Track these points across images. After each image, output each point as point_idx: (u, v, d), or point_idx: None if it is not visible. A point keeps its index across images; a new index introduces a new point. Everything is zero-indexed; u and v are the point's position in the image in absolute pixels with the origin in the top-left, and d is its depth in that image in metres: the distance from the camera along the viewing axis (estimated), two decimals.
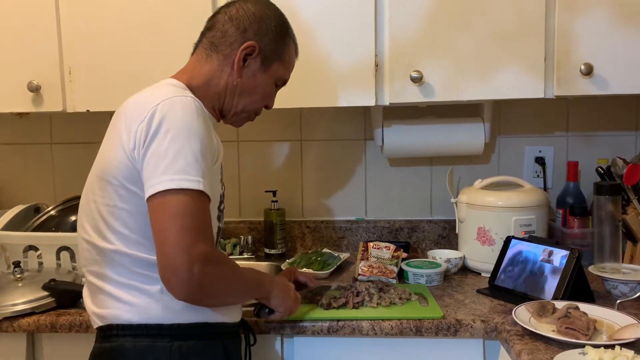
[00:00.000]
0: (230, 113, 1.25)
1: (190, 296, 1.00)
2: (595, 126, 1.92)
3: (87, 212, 1.14)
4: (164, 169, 1.00)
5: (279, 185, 1.98)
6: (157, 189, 0.99)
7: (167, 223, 0.98)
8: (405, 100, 1.59)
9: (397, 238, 1.96)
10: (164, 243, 0.99)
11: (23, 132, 2.07)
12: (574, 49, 1.53)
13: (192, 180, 1.00)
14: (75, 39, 1.65)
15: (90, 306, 1.15)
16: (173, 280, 0.98)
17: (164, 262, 0.99)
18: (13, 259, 1.55)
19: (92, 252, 1.12)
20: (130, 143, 1.05)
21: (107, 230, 1.09)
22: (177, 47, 1.57)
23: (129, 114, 1.08)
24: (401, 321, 1.32)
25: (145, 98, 1.09)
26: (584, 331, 1.16)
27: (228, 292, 1.10)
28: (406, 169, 1.98)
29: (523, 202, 1.64)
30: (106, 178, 1.09)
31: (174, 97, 1.06)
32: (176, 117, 1.03)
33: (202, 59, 1.21)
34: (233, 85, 1.21)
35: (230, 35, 1.20)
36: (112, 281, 1.10)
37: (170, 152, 1.00)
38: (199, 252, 0.98)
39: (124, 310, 1.08)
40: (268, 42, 1.22)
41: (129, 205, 1.07)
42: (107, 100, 1.64)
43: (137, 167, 1.05)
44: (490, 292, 1.51)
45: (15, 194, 2.06)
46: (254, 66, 1.21)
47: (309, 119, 1.99)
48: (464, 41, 1.56)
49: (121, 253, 1.08)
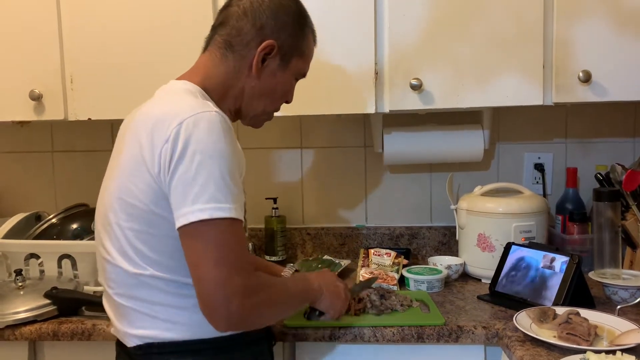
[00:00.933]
0: (249, 115, 1.20)
1: (232, 329, 1.00)
2: (594, 133, 1.94)
3: (110, 234, 1.08)
4: (194, 198, 0.95)
5: (279, 193, 1.99)
6: (189, 220, 0.95)
7: (202, 258, 0.95)
8: (405, 108, 1.60)
9: (397, 245, 1.97)
10: (200, 280, 0.96)
11: (24, 140, 2.08)
12: (572, 56, 1.54)
13: (223, 209, 0.96)
14: (77, 47, 1.66)
15: (122, 326, 1.10)
16: (213, 315, 0.96)
17: (202, 298, 0.96)
18: (14, 267, 1.55)
19: (120, 275, 1.07)
20: (155, 166, 1.00)
21: (137, 255, 1.04)
22: (179, 55, 1.58)
23: (150, 131, 1.01)
24: (403, 328, 1.32)
25: (166, 112, 1.02)
26: (585, 337, 1.16)
27: (273, 314, 1.09)
28: (406, 175, 1.99)
29: (523, 209, 1.64)
30: (130, 201, 1.04)
31: (198, 114, 0.99)
32: (202, 138, 0.97)
33: (217, 58, 1.15)
34: (251, 87, 1.15)
35: (246, 34, 1.13)
36: (147, 302, 1.06)
37: (199, 179, 0.95)
38: (234, 287, 0.95)
39: (164, 328, 1.06)
40: (286, 37, 1.15)
41: (158, 230, 1.03)
42: (109, 108, 1.66)
43: (164, 190, 1.00)
44: (491, 298, 1.52)
45: (17, 202, 2.07)
46: (273, 65, 1.16)
47: (310, 126, 2.00)
48: (463, 49, 1.57)
49: (154, 277, 1.04)
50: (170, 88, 1.14)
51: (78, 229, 1.71)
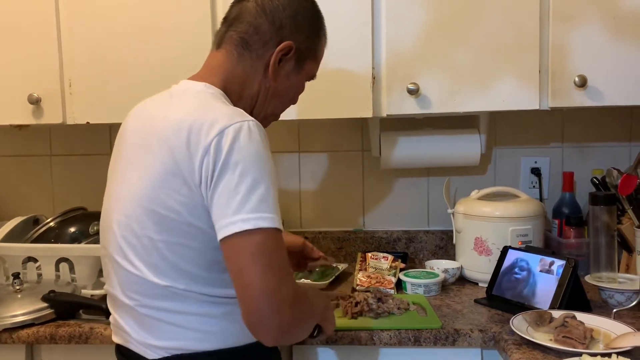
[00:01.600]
0: (259, 117, 1.15)
1: (280, 340, 0.97)
2: (590, 137, 1.95)
3: (136, 246, 1.03)
4: (237, 208, 0.93)
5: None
6: (232, 231, 0.92)
7: (248, 267, 0.92)
8: (403, 112, 1.61)
9: (394, 248, 1.97)
10: (248, 288, 0.92)
11: (22, 144, 2.08)
12: (568, 61, 1.55)
13: (266, 219, 0.93)
14: (75, 51, 1.67)
15: (143, 338, 1.05)
16: (262, 326, 0.93)
17: (248, 309, 0.93)
18: (12, 271, 1.55)
19: (149, 287, 1.03)
20: (196, 177, 0.96)
21: (170, 270, 1.01)
22: (178, 59, 1.60)
23: (184, 141, 0.98)
24: (400, 331, 1.33)
25: (200, 120, 0.98)
26: (581, 340, 1.17)
27: (308, 328, 1.08)
28: (403, 179, 2.00)
29: (520, 213, 1.65)
30: (163, 213, 0.99)
31: (237, 123, 0.97)
32: (244, 148, 0.95)
33: (234, 57, 1.11)
34: (266, 88, 1.13)
35: (264, 33, 1.10)
36: (177, 313, 1.02)
37: (242, 188, 0.93)
38: (283, 295, 0.92)
39: (194, 339, 1.03)
40: (303, 39, 1.13)
41: (194, 242, 1.00)
42: (108, 112, 1.66)
43: (205, 203, 0.97)
44: (488, 301, 1.52)
45: (15, 206, 2.07)
46: (288, 67, 1.14)
47: (307, 130, 2.01)
48: (460, 54, 1.58)
49: (188, 290, 1.01)
50: (190, 90, 1.09)
51: (76, 233, 1.71)
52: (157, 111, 1.08)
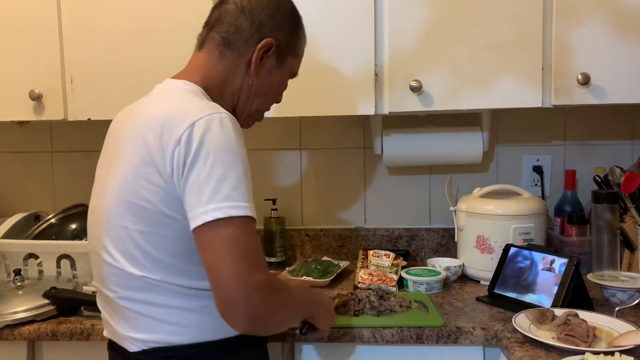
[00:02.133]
0: (243, 114, 1.19)
1: (251, 328, 0.96)
2: (593, 135, 1.94)
3: (115, 237, 1.06)
4: (209, 197, 0.94)
5: (278, 194, 1.99)
6: (204, 220, 0.94)
7: (220, 255, 0.93)
8: (405, 110, 1.60)
9: (396, 246, 1.97)
10: (219, 276, 0.93)
11: (23, 140, 2.08)
12: (571, 58, 1.55)
13: (239, 207, 0.95)
14: (77, 47, 1.66)
15: (124, 331, 1.08)
16: (233, 314, 0.93)
17: (221, 296, 0.93)
18: (13, 267, 1.56)
19: (126, 279, 1.05)
20: (167, 167, 0.98)
21: (146, 259, 1.02)
22: (180, 55, 1.58)
23: (157, 133, 1.00)
24: (402, 329, 1.33)
25: (173, 113, 1.01)
26: (584, 338, 1.16)
27: (287, 318, 1.08)
28: (405, 177, 1.99)
29: (522, 211, 1.65)
30: (138, 203, 1.01)
31: (210, 115, 0.99)
32: (215, 139, 0.97)
33: (215, 56, 1.14)
34: (248, 85, 1.16)
35: (244, 31, 1.13)
36: (154, 305, 1.04)
37: (213, 178, 0.95)
38: (256, 281, 0.93)
39: (171, 332, 1.04)
40: (283, 36, 1.17)
41: (168, 232, 1.01)
42: (109, 108, 1.63)
43: (177, 193, 0.98)
44: (490, 299, 1.52)
45: (16, 202, 2.07)
46: (270, 63, 1.17)
47: (309, 127, 2.00)
48: (462, 51, 1.58)
49: (163, 280, 1.03)
50: (170, 87, 1.13)
51: (77, 229, 1.72)
52: (138, 109, 1.12)
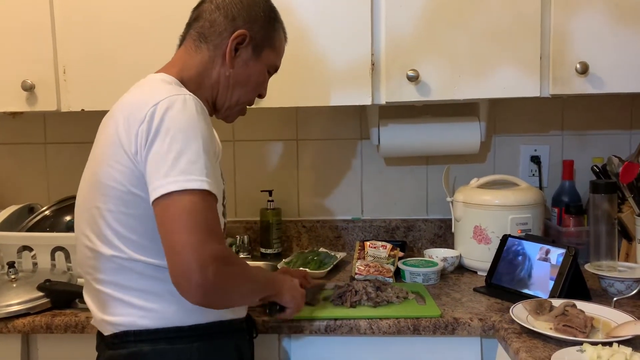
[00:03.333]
0: (224, 106, 1.22)
1: (205, 299, 0.97)
2: (591, 125, 1.93)
3: (88, 218, 1.10)
4: (167, 171, 0.97)
5: (274, 185, 1.97)
6: (160, 192, 0.96)
7: (174, 225, 0.95)
8: (402, 99, 1.59)
9: (393, 237, 1.96)
10: (173, 246, 0.95)
11: (17, 131, 2.06)
12: (570, 48, 1.53)
13: (195, 180, 0.97)
14: (69, 37, 1.64)
15: (99, 314, 1.11)
16: (186, 284, 0.94)
17: (175, 265, 0.95)
18: (7, 260, 1.54)
19: (99, 260, 1.08)
20: (132, 147, 1.02)
21: (115, 238, 1.05)
22: (173, 45, 1.57)
23: (126, 116, 1.04)
24: (399, 320, 1.32)
25: (141, 98, 1.05)
26: (582, 329, 1.16)
27: (242, 293, 1.08)
28: (402, 168, 1.98)
29: (519, 201, 1.64)
30: (108, 183, 1.05)
31: (173, 96, 1.03)
32: (176, 117, 1.00)
33: (192, 50, 1.18)
34: (226, 77, 1.18)
35: (219, 25, 1.17)
36: (123, 288, 1.07)
37: (172, 153, 0.97)
38: (210, 252, 0.94)
39: (139, 316, 1.06)
40: (258, 29, 1.19)
41: (135, 210, 1.04)
42: (102, 99, 1.62)
43: (141, 170, 1.02)
44: (487, 290, 1.51)
45: (9, 194, 2.05)
46: (246, 55, 1.19)
47: (305, 118, 1.99)
48: (460, 40, 1.56)
49: (132, 260, 1.05)
50: (148, 79, 1.16)
51: (71, 221, 1.70)
52: (119, 102, 1.15)
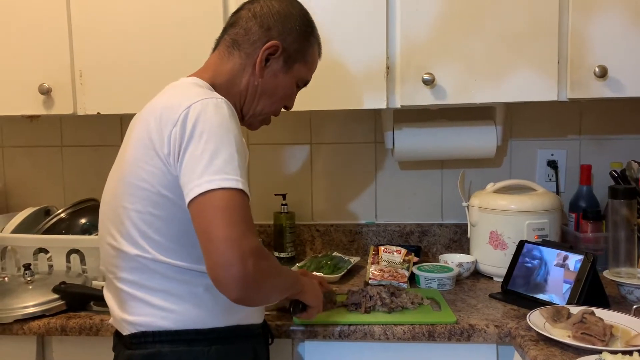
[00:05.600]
0: (248, 114, 1.22)
1: (244, 292, 0.95)
2: (609, 129, 1.90)
3: (114, 218, 1.10)
4: (202, 171, 0.97)
5: (288, 189, 1.97)
6: (197, 192, 0.96)
7: (213, 220, 0.94)
8: (417, 103, 1.58)
9: (407, 242, 1.95)
10: (212, 240, 0.93)
11: (33, 135, 2.08)
12: (588, 51, 1.51)
13: (231, 180, 0.97)
14: (86, 41, 1.66)
15: (119, 313, 1.11)
16: (226, 276, 0.93)
17: (214, 259, 0.93)
18: (23, 262, 1.55)
19: (122, 259, 1.08)
20: (165, 148, 1.02)
21: (140, 237, 1.06)
22: (189, 49, 1.58)
23: (158, 117, 1.04)
24: (413, 326, 1.31)
25: (174, 100, 1.06)
26: (601, 337, 1.14)
27: (275, 288, 1.07)
28: (417, 172, 1.97)
29: (536, 206, 1.62)
30: (137, 183, 1.05)
31: (205, 99, 1.03)
32: (209, 119, 1.00)
33: (225, 56, 1.19)
34: (254, 86, 1.19)
35: (253, 33, 1.17)
36: (146, 288, 1.07)
37: (207, 154, 0.98)
38: (249, 245, 0.94)
39: (159, 317, 1.06)
40: (291, 41, 1.19)
41: (163, 212, 1.04)
42: (118, 102, 1.65)
43: (174, 173, 1.02)
44: (503, 296, 1.49)
45: (26, 197, 2.07)
46: (276, 66, 1.19)
47: (319, 122, 1.98)
48: (476, 43, 1.55)
49: (156, 261, 1.05)
50: (179, 83, 1.17)
51: (87, 224, 1.71)
52: (148, 104, 1.14)
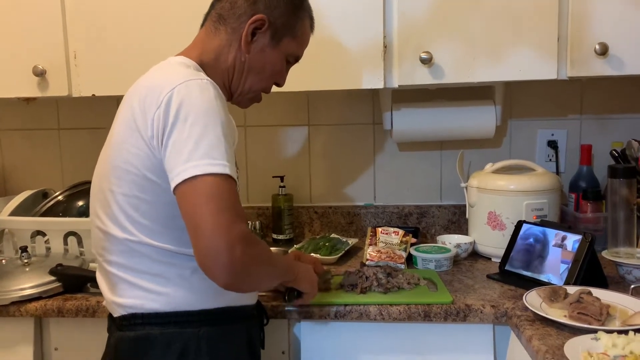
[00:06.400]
0: (237, 92, 1.19)
1: (233, 279, 0.94)
2: (610, 108, 1.88)
3: (102, 200, 1.09)
4: (187, 156, 0.95)
5: (286, 171, 1.96)
6: (183, 177, 0.95)
7: (200, 207, 0.93)
8: (415, 83, 1.56)
9: (406, 223, 1.94)
10: (200, 227, 0.92)
11: (30, 117, 2.07)
12: (588, 28, 1.49)
13: (217, 165, 0.95)
14: (80, 22, 1.64)
15: (110, 295, 1.11)
16: (214, 264, 0.92)
17: (202, 246, 0.93)
18: (21, 244, 1.55)
19: (110, 242, 1.08)
20: (148, 131, 1.00)
21: (127, 221, 1.05)
22: (184, 29, 1.54)
23: (142, 99, 1.03)
24: (409, 306, 1.30)
25: (159, 81, 1.03)
26: (597, 316, 1.13)
27: (265, 275, 1.07)
28: (415, 153, 1.95)
29: (535, 186, 1.61)
30: (123, 167, 1.04)
31: (190, 81, 1.01)
32: (194, 101, 0.98)
33: (211, 32, 1.16)
34: (241, 62, 1.15)
35: (239, 7, 1.14)
36: (134, 271, 1.07)
37: (192, 138, 0.96)
38: (238, 232, 0.93)
39: (149, 299, 1.06)
40: (279, 15, 1.15)
41: (149, 196, 1.03)
42: (113, 84, 1.63)
43: (158, 156, 1.00)
44: (501, 277, 1.49)
45: (23, 180, 2.07)
46: (263, 41, 1.15)
47: (317, 103, 1.96)
48: (474, 21, 1.52)
49: (144, 244, 1.05)
50: (165, 63, 1.14)
51: (83, 207, 1.71)
52: (135, 83, 1.13)
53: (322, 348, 1.35)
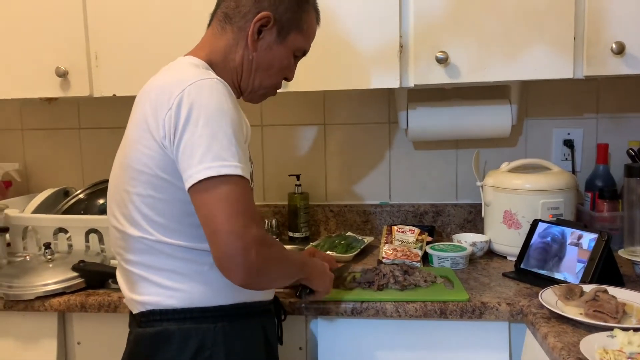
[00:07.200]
0: (247, 90, 1.20)
1: (249, 280, 0.98)
2: (626, 107, 1.87)
3: (119, 201, 1.11)
4: (200, 158, 0.97)
5: (302, 169, 1.98)
6: (196, 179, 0.97)
7: (215, 211, 0.96)
8: (431, 82, 1.57)
9: (421, 222, 1.95)
10: (216, 231, 0.96)
11: (52, 117, 2.11)
12: (605, 27, 1.49)
13: (229, 166, 0.97)
14: (101, 23, 1.67)
15: (129, 293, 1.13)
16: (231, 266, 0.96)
17: (219, 250, 0.96)
18: (44, 241, 1.59)
19: (127, 241, 1.10)
20: (160, 131, 1.02)
21: (143, 220, 1.07)
22: (202, 32, 1.58)
23: (153, 100, 1.04)
24: (425, 303, 1.32)
25: (169, 82, 1.05)
26: (613, 314, 1.14)
27: (281, 273, 1.10)
28: (431, 152, 1.96)
29: (551, 185, 1.61)
30: (137, 167, 1.06)
31: (199, 81, 1.02)
32: (205, 102, 1.00)
33: (218, 32, 1.17)
34: (249, 60, 1.16)
35: (244, 5, 1.14)
36: (152, 268, 1.08)
37: (204, 139, 0.97)
38: (252, 235, 0.96)
39: (166, 295, 1.08)
40: (284, 11, 1.15)
41: (164, 195, 1.05)
42: (133, 84, 1.63)
43: (170, 156, 1.02)
44: (517, 275, 1.49)
45: (46, 178, 2.12)
46: (270, 38, 1.16)
47: (333, 102, 1.98)
48: (490, 20, 1.53)
49: (160, 242, 1.07)
50: (175, 63, 1.16)
51: (104, 204, 1.74)
52: (147, 84, 1.14)
53: (339, 344, 1.37)
